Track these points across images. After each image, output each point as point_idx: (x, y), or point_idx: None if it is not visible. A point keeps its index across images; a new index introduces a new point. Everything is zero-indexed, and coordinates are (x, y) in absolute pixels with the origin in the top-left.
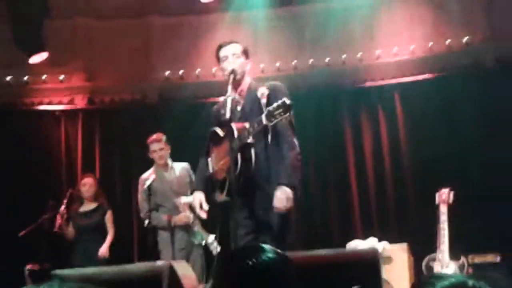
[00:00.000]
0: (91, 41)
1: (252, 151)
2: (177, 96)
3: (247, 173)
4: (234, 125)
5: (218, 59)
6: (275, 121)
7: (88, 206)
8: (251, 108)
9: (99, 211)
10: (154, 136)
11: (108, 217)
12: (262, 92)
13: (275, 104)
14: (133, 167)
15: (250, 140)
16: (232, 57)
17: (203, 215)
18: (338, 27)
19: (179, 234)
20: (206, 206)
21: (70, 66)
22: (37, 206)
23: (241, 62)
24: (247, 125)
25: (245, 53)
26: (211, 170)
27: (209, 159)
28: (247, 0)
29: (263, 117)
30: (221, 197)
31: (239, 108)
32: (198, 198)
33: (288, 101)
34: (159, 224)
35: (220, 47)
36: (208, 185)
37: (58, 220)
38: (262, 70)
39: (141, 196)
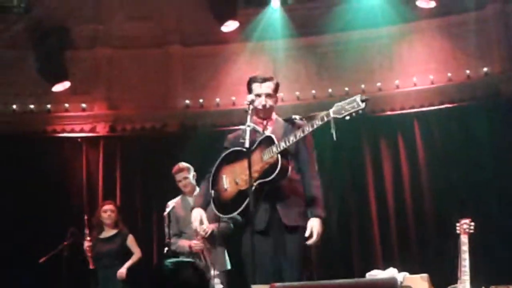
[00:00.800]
0: (113, 70)
1: (289, 158)
2: (197, 124)
3: (280, 181)
4: (273, 136)
5: (250, 91)
6: (345, 114)
7: (109, 232)
8: (286, 133)
9: (120, 237)
10: (177, 166)
11: (131, 241)
12: (298, 116)
13: (346, 100)
14: (153, 194)
15: (289, 145)
16: (265, 98)
17: (202, 233)
18: (357, 57)
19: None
20: (206, 223)
21: (92, 95)
22: (58, 232)
23: (272, 102)
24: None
25: (276, 90)
26: (225, 187)
27: (224, 177)
28: (267, 30)
29: (331, 111)
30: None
31: (267, 134)
32: (198, 213)
33: (363, 97)
34: (180, 250)
35: (254, 80)
36: (218, 204)
37: (87, 248)
38: (282, 98)
39: (165, 223)
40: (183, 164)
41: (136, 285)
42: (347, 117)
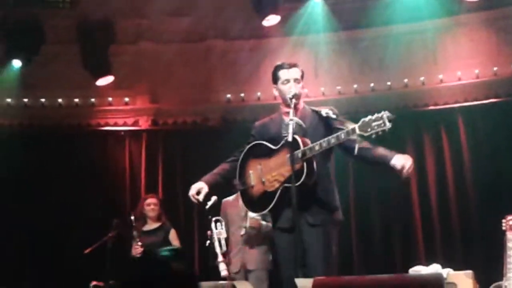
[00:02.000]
0: (155, 64)
1: (315, 164)
2: (238, 118)
3: (307, 185)
4: (299, 138)
5: (276, 79)
6: (371, 132)
7: (152, 225)
8: (315, 129)
9: (163, 230)
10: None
11: (173, 235)
12: (327, 112)
13: (371, 116)
14: None
15: (316, 152)
16: (293, 82)
17: (194, 200)
18: (400, 51)
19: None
20: (201, 197)
21: (135, 89)
22: (102, 224)
23: (300, 86)
24: (309, 142)
25: (302, 77)
26: (252, 183)
27: (250, 172)
28: (309, 24)
29: (357, 127)
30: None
31: (297, 130)
32: (199, 185)
33: (389, 113)
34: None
35: (280, 67)
36: (246, 199)
37: (136, 247)
38: (323, 93)
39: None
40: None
41: None
42: (373, 136)
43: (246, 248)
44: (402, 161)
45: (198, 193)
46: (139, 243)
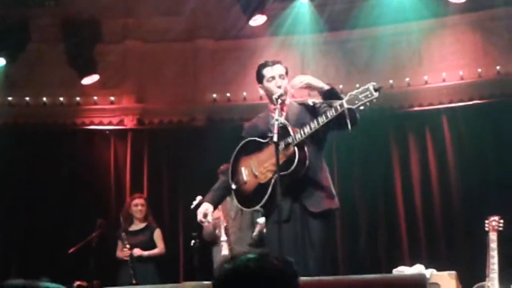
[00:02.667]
0: (141, 63)
1: (307, 150)
2: (224, 118)
3: (300, 172)
4: (289, 126)
5: (261, 77)
6: (359, 104)
7: (138, 226)
8: (303, 121)
9: (149, 230)
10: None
11: (158, 235)
12: (313, 101)
13: (359, 89)
14: (180, 187)
15: (307, 134)
16: (278, 78)
17: (205, 225)
18: (386, 52)
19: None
20: (210, 218)
21: (121, 88)
22: (86, 223)
23: (285, 83)
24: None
25: (287, 73)
26: (244, 179)
27: (242, 169)
28: (295, 25)
29: (344, 102)
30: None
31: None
32: (204, 208)
33: (375, 84)
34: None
35: (263, 66)
36: (239, 197)
37: (124, 249)
38: (309, 93)
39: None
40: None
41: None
42: (361, 107)
43: (237, 247)
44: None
45: (205, 215)
46: (127, 246)
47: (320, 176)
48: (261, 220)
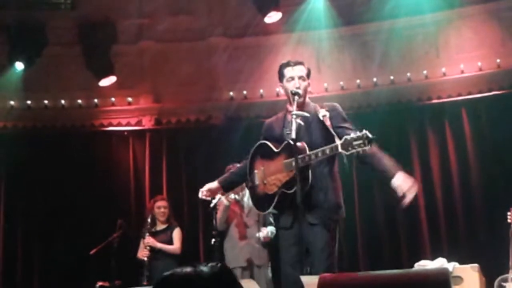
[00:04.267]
0: (157, 63)
1: (310, 172)
2: (242, 116)
3: (301, 193)
4: (297, 145)
5: (282, 77)
6: (352, 151)
7: (160, 226)
8: (313, 128)
9: (170, 230)
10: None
11: (176, 233)
12: (323, 114)
13: (353, 135)
14: (199, 185)
15: (306, 163)
16: (298, 80)
17: (202, 196)
18: (403, 45)
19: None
20: (209, 194)
21: (138, 89)
22: (107, 224)
23: (305, 85)
24: (306, 146)
25: (308, 75)
26: (256, 182)
27: (255, 172)
28: (310, 21)
29: (339, 145)
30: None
31: (302, 127)
32: (210, 184)
33: (369, 134)
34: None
35: (285, 65)
36: (253, 197)
37: (144, 250)
38: (326, 89)
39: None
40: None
41: None
42: (353, 154)
43: (253, 243)
44: (402, 186)
45: (209, 191)
46: (147, 247)
47: (324, 188)
48: (261, 234)
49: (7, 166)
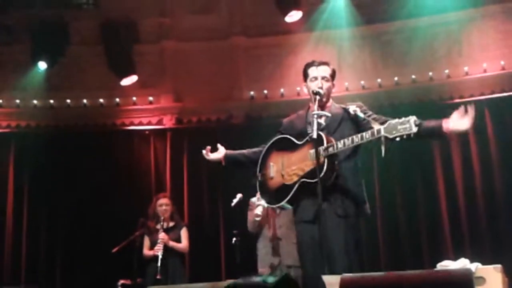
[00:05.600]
0: (178, 63)
1: (336, 162)
2: (262, 115)
3: (328, 181)
4: (323, 135)
5: (306, 76)
6: (396, 134)
7: (168, 224)
8: (343, 126)
9: (178, 228)
10: None
11: (184, 232)
12: (354, 109)
13: (398, 119)
14: (220, 185)
15: (339, 150)
16: (321, 80)
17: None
18: (424, 44)
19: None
20: (212, 155)
21: (159, 88)
22: (128, 223)
23: (328, 86)
24: (334, 140)
25: (333, 76)
26: (271, 175)
27: (271, 164)
28: (331, 19)
29: (382, 129)
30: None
31: (323, 127)
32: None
33: (416, 119)
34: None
35: (310, 65)
36: (263, 191)
37: (147, 245)
38: (347, 88)
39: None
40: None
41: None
42: (397, 139)
43: (284, 243)
44: (457, 120)
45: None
46: (160, 243)
47: (350, 182)
48: (258, 209)
49: (30, 164)
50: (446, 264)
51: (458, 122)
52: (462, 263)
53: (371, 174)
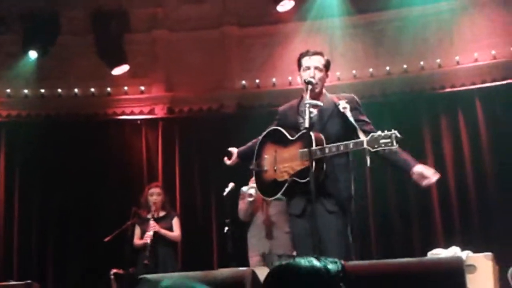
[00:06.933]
0: (169, 52)
1: (324, 164)
2: (254, 105)
3: (315, 183)
4: (313, 135)
5: (299, 66)
6: (378, 149)
7: (160, 213)
8: (331, 119)
9: (169, 218)
10: None
11: (175, 222)
12: (344, 106)
13: (381, 132)
14: (212, 174)
15: (325, 154)
16: (313, 70)
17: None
18: (416, 34)
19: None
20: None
21: (150, 77)
22: (121, 212)
23: (321, 76)
24: (323, 138)
25: (327, 66)
26: (265, 168)
27: (265, 157)
28: (323, 9)
29: (365, 141)
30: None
31: (315, 118)
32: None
33: (398, 134)
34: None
35: (304, 55)
36: (258, 181)
37: (138, 235)
38: (338, 77)
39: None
40: None
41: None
42: (378, 152)
43: (276, 232)
44: (424, 172)
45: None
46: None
47: (337, 178)
48: (251, 190)
49: (21, 154)
50: (437, 252)
51: (422, 179)
52: (453, 251)
53: (363, 163)
